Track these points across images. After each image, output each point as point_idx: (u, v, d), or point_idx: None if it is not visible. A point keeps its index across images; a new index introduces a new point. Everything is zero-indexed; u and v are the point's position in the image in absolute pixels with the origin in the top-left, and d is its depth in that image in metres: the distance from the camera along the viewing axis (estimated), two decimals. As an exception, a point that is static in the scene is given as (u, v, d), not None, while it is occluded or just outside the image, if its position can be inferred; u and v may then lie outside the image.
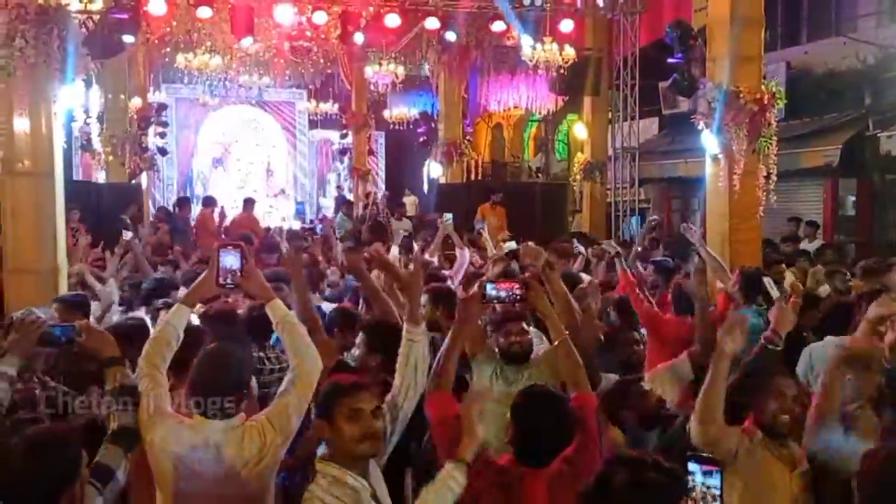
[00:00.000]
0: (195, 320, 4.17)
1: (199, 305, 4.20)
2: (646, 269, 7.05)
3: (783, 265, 8.02)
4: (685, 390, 4.29)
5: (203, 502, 2.94)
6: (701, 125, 8.14)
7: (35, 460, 2.45)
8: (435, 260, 7.76)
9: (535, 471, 2.97)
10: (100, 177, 13.72)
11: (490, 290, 3.36)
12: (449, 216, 8.17)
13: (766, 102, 7.87)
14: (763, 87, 7.99)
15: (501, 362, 4.14)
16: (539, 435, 3.00)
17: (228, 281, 3.13)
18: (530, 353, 4.16)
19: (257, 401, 3.48)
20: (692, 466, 2.24)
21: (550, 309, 3.50)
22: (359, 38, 12.70)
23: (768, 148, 8.01)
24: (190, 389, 3.01)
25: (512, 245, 7.36)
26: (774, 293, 4.25)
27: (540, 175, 21.13)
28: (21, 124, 6.38)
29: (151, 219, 13.10)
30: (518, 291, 3.36)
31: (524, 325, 4.23)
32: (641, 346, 5.33)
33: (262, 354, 4.43)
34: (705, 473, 2.23)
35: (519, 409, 3.07)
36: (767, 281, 4.47)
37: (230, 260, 3.12)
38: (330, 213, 18.63)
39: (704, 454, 2.46)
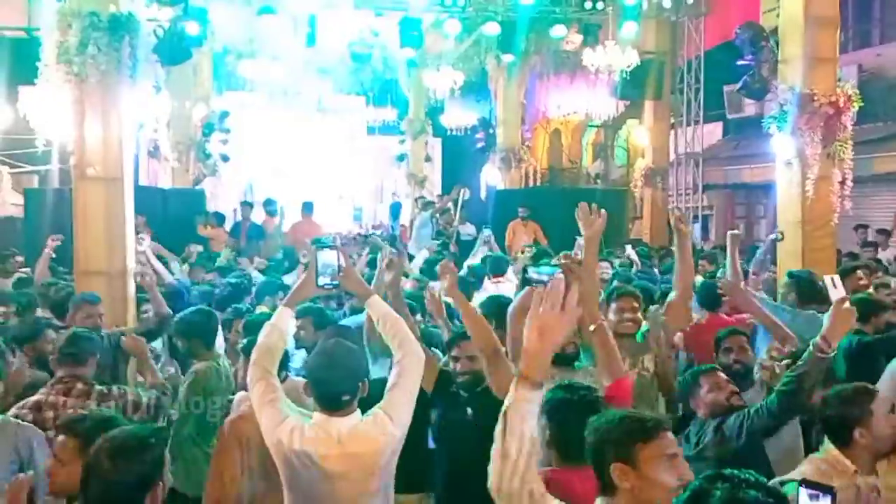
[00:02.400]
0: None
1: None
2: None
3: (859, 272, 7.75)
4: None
5: (329, 498, 2.98)
6: (772, 129, 7.91)
7: (120, 461, 2.47)
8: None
9: (582, 468, 2.76)
10: (165, 182, 14.00)
11: (532, 273, 3.41)
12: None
13: (841, 105, 7.63)
14: (839, 89, 7.73)
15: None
16: (580, 431, 2.81)
17: (328, 281, 3.16)
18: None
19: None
20: (802, 492, 2.12)
21: (589, 293, 3.47)
22: (418, 44, 12.70)
23: (843, 152, 7.75)
24: (308, 386, 3.07)
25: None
26: (835, 294, 3.56)
27: (599, 181, 20.89)
28: (93, 130, 6.50)
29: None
30: (559, 276, 3.38)
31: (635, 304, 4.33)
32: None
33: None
34: (812, 497, 2.11)
35: (555, 407, 2.92)
36: (830, 279, 3.80)
37: (328, 259, 3.15)
38: (386, 219, 18.71)
39: (815, 481, 2.30)
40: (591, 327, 3.43)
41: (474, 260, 7.78)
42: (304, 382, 3.13)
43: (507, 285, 7.26)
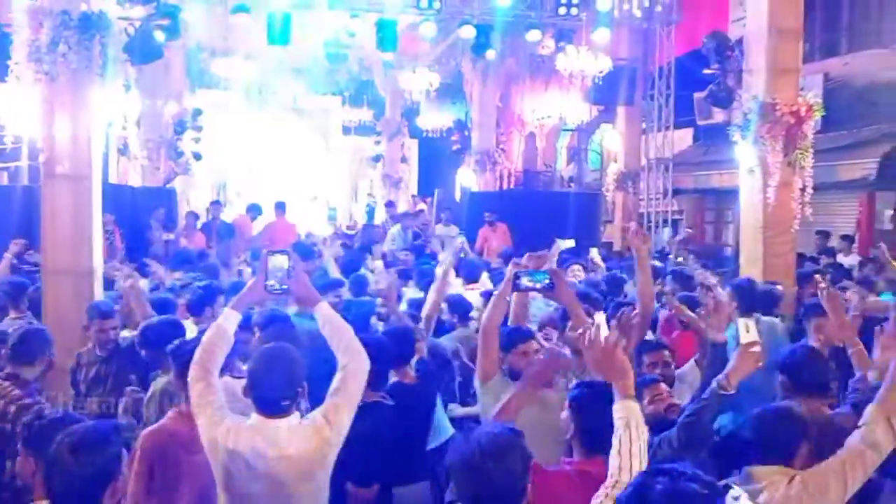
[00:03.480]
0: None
1: None
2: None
3: (818, 276, 7.94)
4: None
5: (263, 500, 3.00)
6: (736, 137, 8.08)
7: (79, 457, 2.51)
8: None
9: (603, 458, 2.88)
10: (135, 180, 13.93)
11: (523, 279, 3.72)
12: None
13: (802, 115, 7.80)
14: (800, 99, 7.91)
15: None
16: (604, 422, 2.91)
17: (276, 286, 3.20)
18: None
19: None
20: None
21: (574, 297, 3.70)
22: (394, 46, 12.75)
23: (804, 160, 7.93)
24: (248, 388, 3.08)
25: (570, 243, 7.21)
26: (746, 337, 3.54)
27: (572, 184, 21.05)
28: (62, 128, 6.48)
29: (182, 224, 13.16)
30: (546, 281, 3.66)
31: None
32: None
33: None
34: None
35: (579, 401, 3.08)
36: (744, 323, 3.63)
37: (278, 264, 3.19)
38: (361, 219, 18.74)
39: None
40: (579, 328, 3.53)
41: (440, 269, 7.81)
42: (244, 384, 3.14)
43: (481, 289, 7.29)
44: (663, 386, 3.89)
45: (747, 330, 3.55)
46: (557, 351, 3.54)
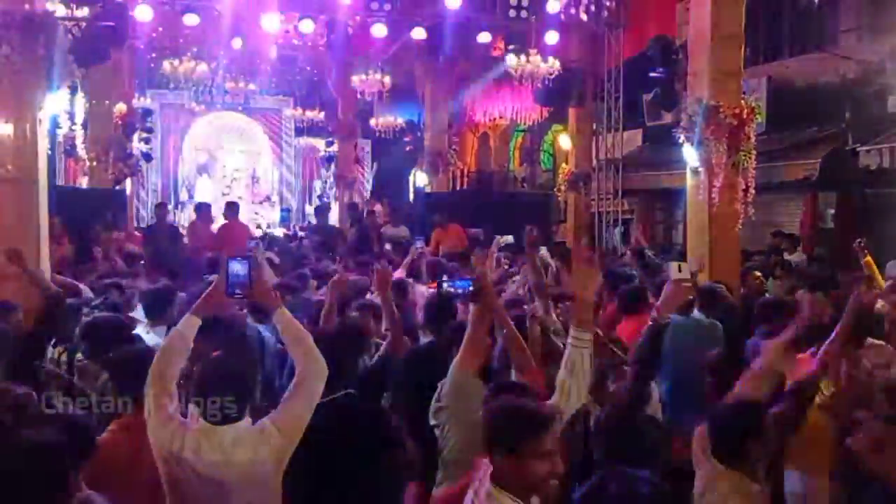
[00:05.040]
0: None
1: None
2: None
3: (758, 273, 8.23)
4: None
5: None
6: (682, 139, 8.26)
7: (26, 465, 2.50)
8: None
9: None
10: (83, 182, 13.68)
11: (447, 286, 3.88)
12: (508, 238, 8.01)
13: (745, 117, 8.00)
14: (742, 102, 8.12)
15: None
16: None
17: (237, 291, 3.19)
18: None
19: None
20: None
21: (499, 304, 3.79)
22: (345, 46, 12.76)
23: (747, 162, 8.13)
24: (195, 393, 3.06)
25: (509, 238, 7.31)
26: (676, 275, 3.90)
27: (525, 185, 21.26)
28: (5, 130, 6.38)
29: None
30: (471, 288, 3.76)
31: None
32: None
33: None
34: None
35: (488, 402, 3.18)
36: (676, 265, 4.04)
37: (238, 270, 3.18)
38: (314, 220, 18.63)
39: None
40: (504, 330, 3.70)
41: (402, 272, 7.84)
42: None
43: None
44: (626, 369, 4.05)
45: (679, 270, 3.96)
46: None
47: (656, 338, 3.71)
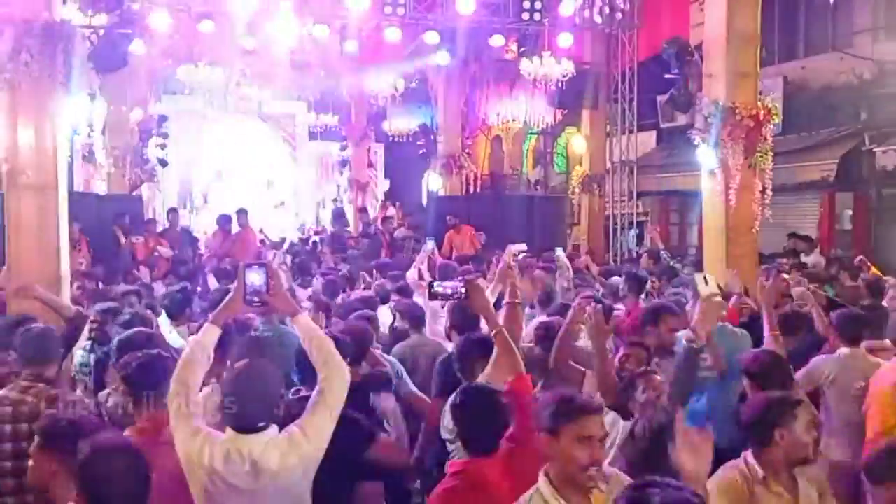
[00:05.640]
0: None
1: None
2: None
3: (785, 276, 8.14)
4: None
5: None
6: (697, 140, 8.23)
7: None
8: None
9: (489, 458, 3.13)
10: (100, 188, 13.78)
11: (437, 287, 3.83)
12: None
13: (761, 118, 7.96)
14: (759, 102, 8.08)
15: None
16: (482, 423, 3.17)
17: (255, 298, 3.21)
18: None
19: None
20: None
21: (488, 305, 3.79)
22: (358, 51, 12.78)
23: (764, 163, 8.09)
24: (224, 402, 3.08)
25: (522, 246, 7.31)
26: (705, 290, 3.70)
27: (538, 188, 21.22)
28: (26, 137, 6.43)
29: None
30: (461, 290, 3.73)
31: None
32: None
33: None
34: None
35: (459, 407, 3.25)
36: (702, 277, 3.87)
37: (256, 278, 3.20)
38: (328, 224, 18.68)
39: None
40: (493, 332, 3.69)
41: (413, 271, 7.87)
42: (220, 400, 3.14)
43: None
44: (657, 377, 3.96)
45: (706, 283, 3.69)
46: None
47: (692, 359, 3.57)
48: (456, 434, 3.26)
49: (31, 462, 3.15)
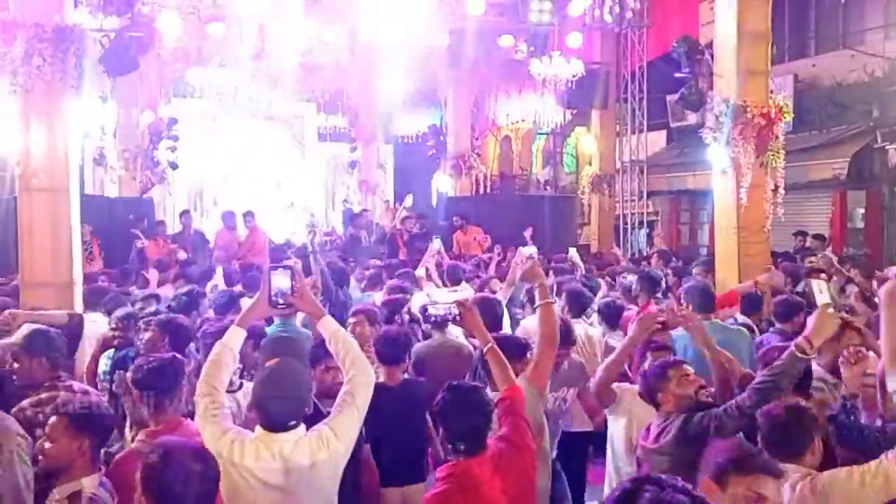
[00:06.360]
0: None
1: None
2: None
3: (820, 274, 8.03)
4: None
5: None
6: (708, 139, 8.20)
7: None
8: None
9: (477, 457, 3.11)
10: (111, 191, 13.85)
11: (431, 310, 3.89)
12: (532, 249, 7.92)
13: (773, 116, 7.94)
14: (770, 101, 8.05)
15: None
16: (468, 423, 3.13)
17: (280, 301, 3.23)
18: None
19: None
20: None
21: (480, 325, 3.74)
22: (368, 52, 12.79)
23: (776, 161, 8.08)
24: (255, 406, 3.12)
25: (532, 249, 7.28)
26: (821, 298, 3.48)
27: (548, 188, 21.19)
28: (38, 141, 6.47)
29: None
30: (455, 311, 3.75)
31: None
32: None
33: None
34: None
35: (444, 407, 3.19)
36: (817, 284, 3.67)
37: (281, 280, 3.22)
38: (339, 226, 18.70)
39: None
40: (485, 348, 3.68)
41: (421, 269, 7.86)
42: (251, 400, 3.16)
43: (463, 293, 7.33)
44: (688, 367, 3.84)
45: (821, 291, 3.51)
46: None
47: (795, 367, 3.42)
48: (441, 438, 3.23)
49: (49, 443, 3.18)
